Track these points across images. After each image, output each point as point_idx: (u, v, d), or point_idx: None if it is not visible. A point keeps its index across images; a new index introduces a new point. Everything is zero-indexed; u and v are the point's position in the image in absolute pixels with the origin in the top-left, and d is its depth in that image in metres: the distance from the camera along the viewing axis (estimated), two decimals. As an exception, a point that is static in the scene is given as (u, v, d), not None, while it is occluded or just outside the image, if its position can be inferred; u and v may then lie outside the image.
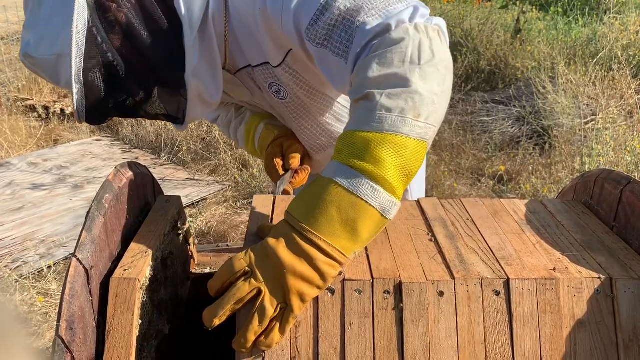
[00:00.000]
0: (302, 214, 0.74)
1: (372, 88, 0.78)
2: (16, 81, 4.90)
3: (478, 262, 0.82)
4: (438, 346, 0.75)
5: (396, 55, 0.78)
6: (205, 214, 3.18)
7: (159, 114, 1.00)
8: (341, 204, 0.72)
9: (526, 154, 3.63)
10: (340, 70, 0.88)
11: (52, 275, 2.51)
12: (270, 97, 1.15)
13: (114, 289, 0.76)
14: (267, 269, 0.72)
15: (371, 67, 0.79)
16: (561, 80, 3.93)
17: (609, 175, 1.00)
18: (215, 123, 1.45)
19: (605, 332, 0.78)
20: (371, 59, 0.80)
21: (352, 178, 0.73)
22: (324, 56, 0.89)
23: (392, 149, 0.73)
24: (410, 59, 0.78)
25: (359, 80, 0.81)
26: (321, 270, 0.72)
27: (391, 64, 0.78)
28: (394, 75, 0.77)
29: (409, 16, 0.82)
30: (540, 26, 5.19)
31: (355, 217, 0.72)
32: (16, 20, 6.45)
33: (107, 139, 4.31)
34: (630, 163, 3.04)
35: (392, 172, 0.73)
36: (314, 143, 1.26)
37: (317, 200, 0.74)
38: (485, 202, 1.03)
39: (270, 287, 0.72)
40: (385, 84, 0.77)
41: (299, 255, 0.72)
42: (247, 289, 0.72)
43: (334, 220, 0.72)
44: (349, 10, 0.85)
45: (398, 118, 0.74)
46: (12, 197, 3.33)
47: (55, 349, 0.66)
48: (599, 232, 0.94)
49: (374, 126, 0.74)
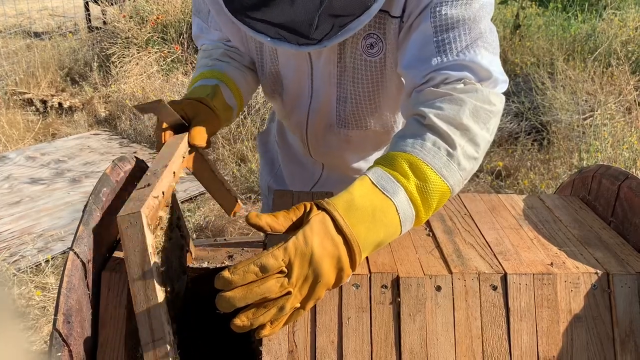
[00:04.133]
0: (353, 223, 0.71)
1: (455, 133, 0.80)
2: (13, 75, 4.89)
3: (475, 257, 0.82)
4: (435, 340, 0.75)
5: (492, 119, 0.84)
6: (203, 208, 3.18)
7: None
8: (389, 231, 0.74)
9: (524, 150, 3.63)
10: (420, 62, 0.89)
11: (49, 269, 2.51)
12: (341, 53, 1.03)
13: (106, 282, 0.76)
14: (304, 275, 0.67)
15: (464, 112, 0.81)
16: (560, 76, 3.93)
17: (607, 171, 1.00)
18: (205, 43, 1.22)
19: (602, 327, 0.78)
20: (470, 103, 0.82)
21: (407, 209, 0.75)
22: (423, 36, 0.89)
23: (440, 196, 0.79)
24: (492, 128, 0.85)
25: (451, 111, 0.82)
26: (340, 282, 0.71)
27: (483, 123, 0.83)
28: (476, 134, 0.81)
29: (505, 87, 0.90)
30: (539, 22, 5.19)
31: (387, 242, 0.74)
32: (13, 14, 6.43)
33: (105, 133, 4.31)
34: (628, 159, 3.05)
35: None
36: (318, 130, 1.18)
37: (372, 217, 0.72)
38: (483, 197, 1.03)
39: (300, 293, 0.67)
40: (466, 137, 0.81)
41: (335, 268, 0.69)
42: (278, 291, 0.65)
43: (377, 242, 0.73)
44: (478, 24, 0.88)
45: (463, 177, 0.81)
46: (10, 191, 3.32)
47: (52, 342, 0.66)
48: (596, 228, 0.94)
49: (437, 166, 0.78)
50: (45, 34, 5.64)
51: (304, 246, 0.66)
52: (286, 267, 0.65)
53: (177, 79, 4.62)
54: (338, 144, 1.22)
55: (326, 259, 0.67)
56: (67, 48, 5.35)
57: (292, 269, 0.65)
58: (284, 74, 1.13)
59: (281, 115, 1.31)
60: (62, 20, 6.47)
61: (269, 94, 1.22)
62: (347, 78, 1.07)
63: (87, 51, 5.24)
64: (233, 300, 0.64)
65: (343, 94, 1.10)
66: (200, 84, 1.06)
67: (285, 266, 0.65)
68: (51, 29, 6.01)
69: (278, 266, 0.64)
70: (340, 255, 0.69)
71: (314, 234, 0.67)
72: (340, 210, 0.70)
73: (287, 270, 0.65)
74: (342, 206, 0.71)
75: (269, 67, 1.14)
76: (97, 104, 4.64)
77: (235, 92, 1.10)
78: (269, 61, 1.13)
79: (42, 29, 6.14)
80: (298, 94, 1.15)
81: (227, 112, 1.05)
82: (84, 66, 5.12)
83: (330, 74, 1.07)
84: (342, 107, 1.12)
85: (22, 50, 5.29)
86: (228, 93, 1.07)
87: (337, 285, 0.71)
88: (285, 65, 1.11)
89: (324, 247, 0.67)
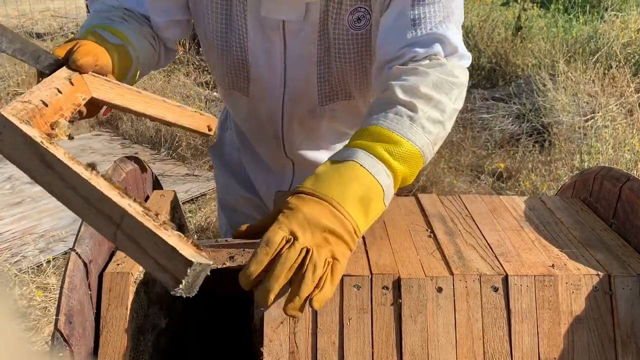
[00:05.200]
0: (325, 187, 0.74)
1: (418, 101, 0.84)
2: (15, 75, 4.89)
3: (477, 259, 0.82)
4: (436, 342, 0.75)
5: (454, 89, 0.88)
6: (205, 209, 3.18)
7: None
8: (363, 183, 0.75)
9: (526, 151, 3.62)
10: (395, 32, 0.94)
11: (51, 270, 2.51)
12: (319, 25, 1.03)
13: (107, 283, 0.76)
14: (306, 228, 0.69)
15: (427, 83, 0.85)
16: (561, 78, 3.92)
17: (608, 173, 1.00)
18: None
19: (603, 329, 0.78)
20: (433, 75, 0.87)
21: (374, 163, 0.77)
22: (401, 8, 0.93)
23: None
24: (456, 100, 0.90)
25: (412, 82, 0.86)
26: (348, 237, 0.72)
27: (444, 93, 0.87)
28: (438, 101, 0.85)
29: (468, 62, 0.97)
30: (540, 23, 5.18)
31: (371, 198, 0.75)
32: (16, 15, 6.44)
33: (107, 134, 4.31)
34: (630, 161, 3.04)
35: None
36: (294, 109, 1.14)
37: (339, 176, 0.75)
38: (484, 199, 1.03)
39: (316, 245, 0.69)
40: (429, 104, 0.85)
41: (330, 215, 0.71)
42: (295, 254, 0.67)
43: (356, 196, 0.74)
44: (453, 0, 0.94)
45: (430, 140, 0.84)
46: (12, 191, 3.33)
47: (54, 342, 0.66)
48: (598, 229, 0.94)
49: (403, 131, 0.81)
50: (48, 35, 5.65)
51: (293, 212, 0.70)
52: (290, 234, 0.68)
53: (178, 80, 4.63)
54: (318, 127, 1.20)
55: (317, 211, 0.71)
56: (69, 49, 5.35)
57: (295, 231, 0.68)
58: (252, 62, 1.09)
59: (242, 116, 1.25)
60: (64, 21, 6.48)
61: (228, 89, 1.17)
62: (331, 55, 1.06)
63: (89, 52, 5.24)
64: (267, 288, 0.66)
65: (326, 71, 1.09)
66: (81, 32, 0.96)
67: (288, 234, 0.68)
68: (53, 30, 6.02)
69: (281, 235, 0.68)
70: (327, 206, 0.72)
71: (297, 203, 0.72)
72: (308, 185, 0.74)
73: (292, 237, 0.68)
74: (309, 183, 0.75)
75: (234, 55, 1.10)
76: (98, 105, 4.63)
77: (131, 45, 0.99)
78: (235, 48, 1.09)
79: (44, 30, 6.15)
80: (269, 82, 1.11)
81: (118, 49, 0.94)
82: (85, 67, 5.13)
83: (310, 54, 1.06)
84: (326, 83, 1.11)
85: (24, 51, 5.29)
86: (117, 40, 0.96)
87: (346, 237, 0.72)
88: (254, 50, 1.07)
89: (310, 206, 0.71)
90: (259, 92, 1.14)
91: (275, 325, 0.74)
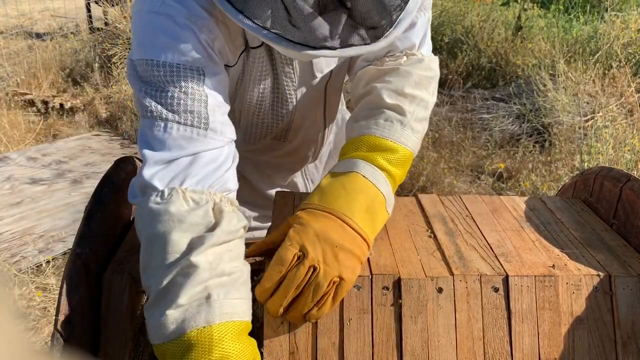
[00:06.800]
0: (332, 202, 0.76)
1: (404, 103, 0.86)
2: (15, 75, 4.89)
3: (477, 259, 0.82)
4: (436, 342, 0.75)
5: (432, 83, 0.91)
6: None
7: None
8: (368, 194, 0.78)
9: (526, 152, 3.62)
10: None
11: (50, 270, 2.51)
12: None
13: (107, 283, 0.76)
14: (317, 244, 0.72)
15: (410, 83, 0.87)
16: (561, 78, 3.92)
17: (609, 173, 1.00)
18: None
19: (604, 329, 0.78)
20: (415, 75, 0.88)
21: (375, 174, 0.80)
22: None
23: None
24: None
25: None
26: (359, 251, 0.74)
27: (425, 89, 0.89)
28: (422, 99, 0.88)
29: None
30: (541, 23, 5.18)
31: (376, 208, 0.78)
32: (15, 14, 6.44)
33: (106, 134, 4.31)
34: (630, 161, 3.04)
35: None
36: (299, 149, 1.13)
37: (343, 189, 0.77)
38: (484, 199, 1.03)
39: (324, 263, 0.72)
40: (414, 103, 0.87)
41: (340, 229, 0.74)
42: (304, 272, 0.71)
43: (363, 207, 0.77)
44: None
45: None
46: (11, 191, 3.32)
47: (53, 342, 0.66)
48: (598, 230, 0.94)
49: (396, 136, 0.83)
50: (47, 35, 5.65)
51: (304, 227, 0.73)
52: (300, 250, 0.72)
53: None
54: (328, 153, 1.24)
55: (327, 226, 0.73)
56: (68, 49, 5.35)
57: (306, 247, 0.71)
58: (298, 113, 1.03)
59: (275, 161, 1.16)
60: (64, 21, 6.48)
61: (260, 139, 1.06)
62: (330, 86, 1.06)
63: (89, 52, 5.24)
64: (277, 302, 0.71)
65: (327, 101, 1.09)
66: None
67: (299, 251, 0.72)
68: (53, 29, 6.02)
69: (292, 253, 0.71)
70: (336, 220, 0.74)
71: (306, 218, 0.74)
72: (315, 200, 0.77)
73: (303, 253, 0.72)
74: (315, 199, 0.78)
75: (287, 113, 1.01)
76: (98, 105, 4.64)
77: None
78: (290, 105, 1.00)
79: (43, 29, 6.15)
80: (311, 128, 1.09)
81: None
82: (85, 67, 5.13)
83: (318, 82, 1.01)
84: (328, 111, 1.11)
85: (24, 51, 5.29)
86: None
87: (357, 251, 0.74)
88: (301, 102, 1.01)
89: (320, 222, 0.74)
90: (302, 138, 1.11)
91: (276, 325, 0.74)
